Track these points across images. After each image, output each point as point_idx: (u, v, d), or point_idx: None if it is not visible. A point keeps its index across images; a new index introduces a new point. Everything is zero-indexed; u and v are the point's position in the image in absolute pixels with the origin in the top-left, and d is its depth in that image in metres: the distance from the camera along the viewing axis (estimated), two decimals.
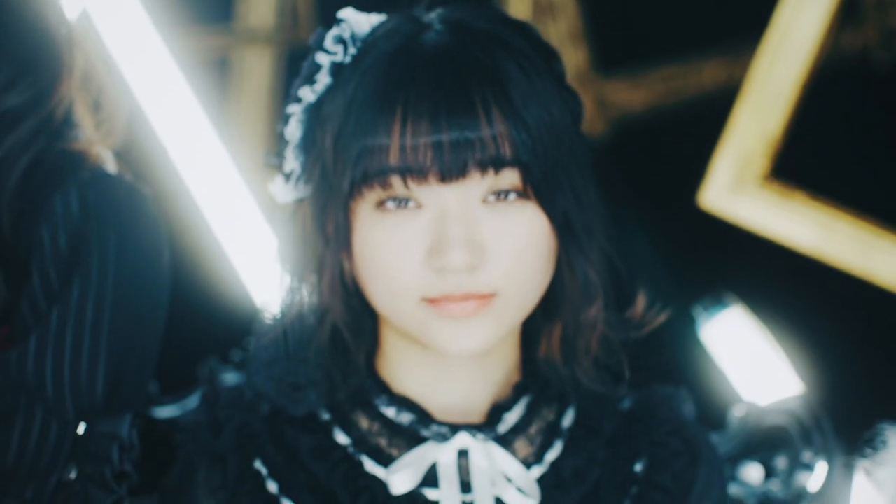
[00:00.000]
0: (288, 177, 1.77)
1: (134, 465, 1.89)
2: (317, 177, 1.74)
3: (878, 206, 3.21)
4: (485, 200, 1.68)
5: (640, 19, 3.69)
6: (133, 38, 2.85)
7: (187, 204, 2.96)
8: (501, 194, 1.69)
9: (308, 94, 1.74)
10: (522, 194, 1.69)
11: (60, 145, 1.97)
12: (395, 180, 1.66)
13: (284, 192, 1.78)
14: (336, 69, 1.73)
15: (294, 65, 3.64)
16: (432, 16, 1.77)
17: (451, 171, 1.65)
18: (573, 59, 3.79)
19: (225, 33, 3.84)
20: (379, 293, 1.73)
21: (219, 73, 3.76)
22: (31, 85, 1.95)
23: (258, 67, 3.85)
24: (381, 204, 1.68)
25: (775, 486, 2.26)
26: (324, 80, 1.73)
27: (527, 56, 1.71)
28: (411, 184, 1.66)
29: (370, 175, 1.66)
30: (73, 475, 1.88)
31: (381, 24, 1.76)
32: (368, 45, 1.72)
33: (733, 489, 2.27)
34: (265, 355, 1.84)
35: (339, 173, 1.69)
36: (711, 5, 3.55)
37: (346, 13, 1.76)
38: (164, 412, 2.28)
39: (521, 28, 1.75)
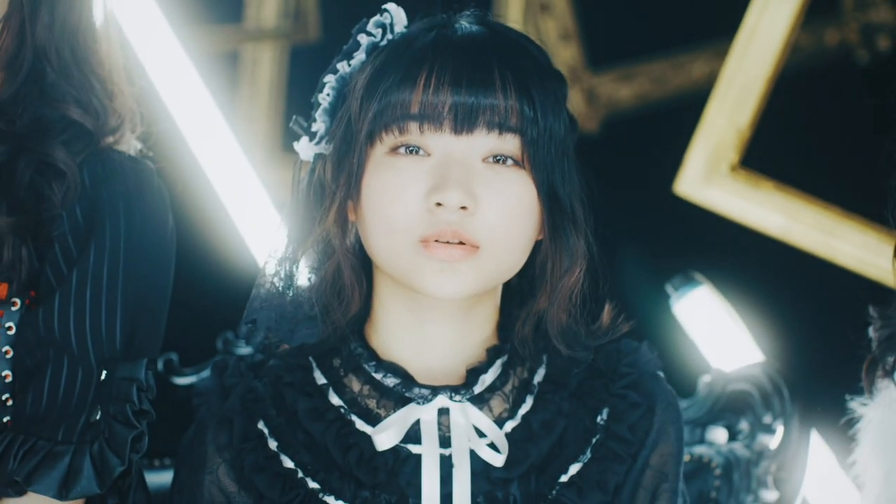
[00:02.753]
0: (313, 136, 1.90)
1: (151, 403, 1.99)
2: (340, 133, 1.87)
3: (840, 194, 3.32)
4: (485, 160, 1.82)
5: (629, 18, 3.73)
6: (152, 34, 2.98)
7: (205, 188, 3.07)
8: (500, 158, 1.82)
9: (344, 66, 1.88)
10: (518, 162, 1.82)
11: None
12: (413, 126, 1.80)
13: (308, 149, 1.91)
14: (372, 48, 1.87)
15: (298, 59, 3.87)
16: (464, 16, 1.91)
17: (464, 124, 1.79)
18: (565, 55, 3.83)
19: (235, 31, 3.91)
20: (378, 234, 1.85)
21: (229, 66, 3.84)
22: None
23: (265, 61, 3.92)
24: (394, 150, 1.82)
25: (739, 447, 2.38)
26: (359, 56, 1.87)
27: (541, 63, 1.87)
28: (427, 131, 1.80)
29: (390, 121, 1.81)
30: (98, 415, 1.97)
31: (418, 20, 1.89)
32: (404, 34, 1.87)
33: (701, 450, 2.38)
34: (266, 293, 1.95)
35: (361, 120, 1.83)
36: (696, 5, 3.60)
37: (391, 6, 1.89)
38: (184, 380, 2.46)
39: (538, 47, 1.90)
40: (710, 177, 3.35)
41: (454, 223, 1.80)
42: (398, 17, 1.89)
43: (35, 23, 2.01)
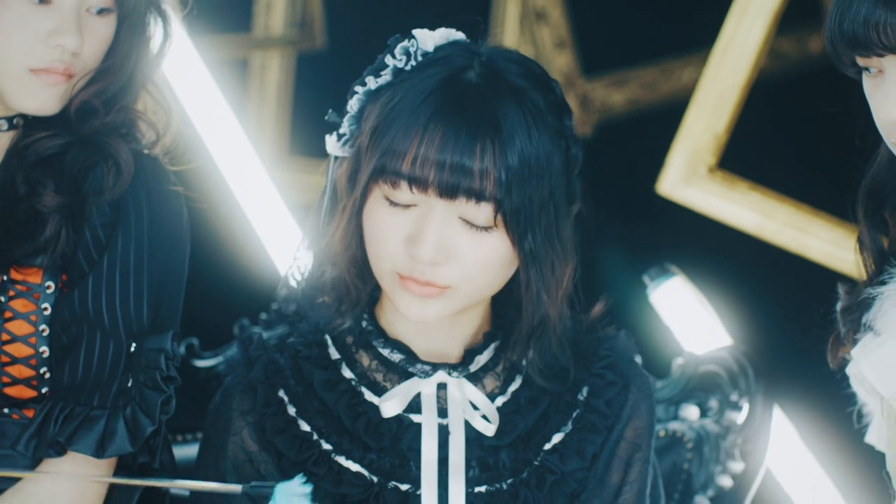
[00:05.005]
0: (340, 137, 1.98)
1: (177, 370, 2.06)
2: (354, 151, 1.96)
3: (810, 194, 3.38)
4: (461, 217, 1.89)
5: (622, 27, 3.80)
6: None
7: (222, 191, 3.15)
8: (479, 228, 1.89)
9: (372, 82, 1.95)
10: (495, 226, 1.89)
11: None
12: (403, 183, 1.88)
13: (334, 147, 1.99)
14: (397, 72, 1.94)
15: (304, 66, 3.96)
16: (482, 54, 1.95)
17: (446, 193, 1.87)
18: (560, 62, 3.88)
19: (245, 39, 4.01)
20: (370, 256, 1.95)
21: (239, 72, 3.92)
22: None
23: (273, 68, 4.00)
24: (386, 197, 1.90)
25: (709, 423, 2.44)
26: (386, 76, 1.94)
27: (537, 111, 1.91)
28: (415, 189, 1.87)
29: (386, 174, 1.88)
30: (129, 384, 2.04)
31: (441, 48, 1.96)
32: (426, 63, 1.94)
33: (675, 426, 2.45)
34: (294, 279, 2.06)
35: (367, 160, 1.91)
36: (686, 15, 3.67)
37: (418, 32, 1.96)
38: (204, 363, 2.55)
39: (548, 86, 1.95)
40: (689, 178, 3.43)
41: (426, 271, 1.89)
42: (423, 42, 1.96)
43: (136, 45, 2.12)
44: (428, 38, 1.96)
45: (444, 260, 1.89)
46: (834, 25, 1.85)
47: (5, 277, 2.06)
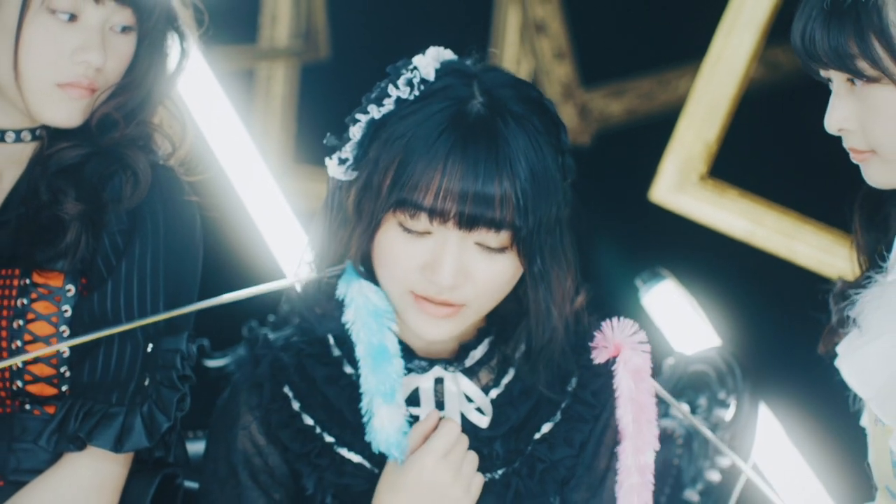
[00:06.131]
0: (342, 161, 2.00)
1: (192, 369, 2.09)
2: (363, 177, 1.97)
3: (799, 201, 3.41)
4: (477, 243, 1.93)
5: (620, 38, 3.80)
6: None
7: (231, 197, 3.16)
8: (493, 249, 1.93)
9: (375, 110, 1.97)
10: (508, 248, 1.93)
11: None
12: (423, 215, 1.91)
13: (336, 171, 2.01)
14: (400, 102, 1.96)
15: (308, 76, 3.95)
16: (482, 81, 1.97)
17: (466, 226, 1.90)
18: (560, 72, 3.89)
19: (251, 50, 4.04)
20: (381, 276, 1.98)
21: (246, 82, 3.97)
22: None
23: (278, 78, 4.03)
24: (403, 225, 1.93)
25: (698, 420, 2.51)
26: (389, 106, 1.97)
27: (539, 134, 1.95)
28: (434, 222, 1.91)
29: (406, 206, 1.91)
30: (146, 382, 2.08)
31: (441, 75, 1.98)
32: (428, 92, 1.96)
33: (666, 422, 2.50)
34: (302, 292, 2.08)
35: (386, 194, 1.93)
36: (682, 27, 3.67)
37: (418, 60, 1.99)
38: (214, 363, 2.62)
39: (543, 107, 1.99)
40: (681, 185, 3.46)
41: (443, 293, 1.93)
42: (425, 70, 1.98)
43: (155, 63, 2.19)
44: (428, 66, 1.99)
45: (462, 283, 1.94)
46: (792, 38, 1.93)
47: (28, 281, 2.12)
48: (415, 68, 1.98)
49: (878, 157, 1.91)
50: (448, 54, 2.03)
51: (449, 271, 1.92)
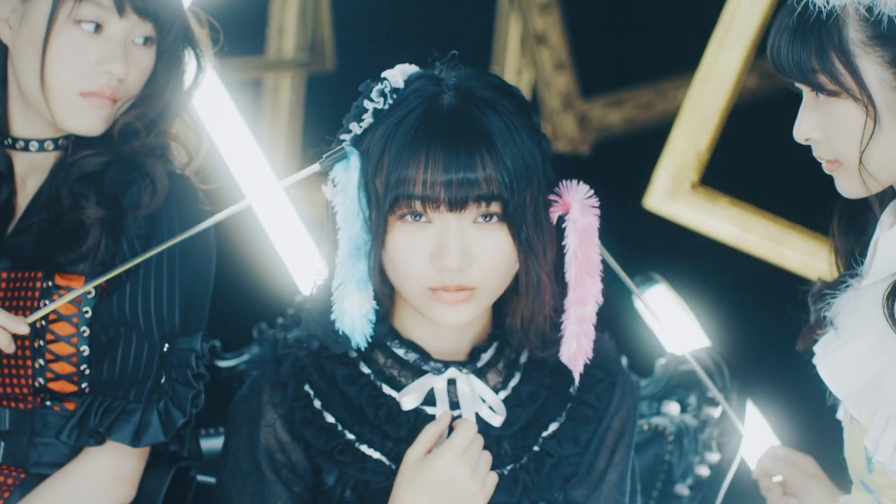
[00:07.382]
0: (336, 184, 2.04)
1: (206, 367, 2.14)
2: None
3: (787, 208, 3.44)
4: (475, 221, 2.01)
5: (619, 49, 3.86)
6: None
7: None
8: (487, 217, 2.01)
9: (356, 127, 2.04)
10: (500, 217, 2.01)
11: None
12: (417, 204, 1.98)
13: (333, 194, 2.06)
14: (377, 113, 2.03)
15: (314, 87, 3.99)
16: (448, 79, 2.04)
17: (456, 205, 1.98)
18: (560, 83, 3.95)
19: (258, 61, 4.09)
20: (398, 279, 2.04)
21: (253, 93, 4.02)
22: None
23: (285, 89, 4.08)
24: (402, 217, 2.00)
25: (688, 417, 2.53)
26: (368, 119, 2.03)
27: (511, 115, 2.02)
28: (427, 207, 1.98)
29: (400, 198, 1.98)
30: (163, 380, 2.13)
31: (410, 82, 2.04)
32: (401, 98, 2.03)
33: (658, 420, 2.53)
34: (315, 311, 2.11)
35: (381, 193, 1.99)
36: (679, 39, 3.69)
37: (387, 73, 2.05)
38: (226, 363, 2.65)
39: (509, 92, 2.06)
40: (673, 193, 3.50)
41: (455, 278, 2.01)
42: (395, 80, 2.04)
43: (173, 76, 2.25)
44: (397, 76, 2.06)
45: (469, 263, 2.00)
46: (767, 51, 1.99)
47: (50, 283, 2.17)
48: (384, 79, 2.05)
49: (843, 167, 1.96)
50: (414, 69, 2.09)
51: (454, 252, 1.99)
